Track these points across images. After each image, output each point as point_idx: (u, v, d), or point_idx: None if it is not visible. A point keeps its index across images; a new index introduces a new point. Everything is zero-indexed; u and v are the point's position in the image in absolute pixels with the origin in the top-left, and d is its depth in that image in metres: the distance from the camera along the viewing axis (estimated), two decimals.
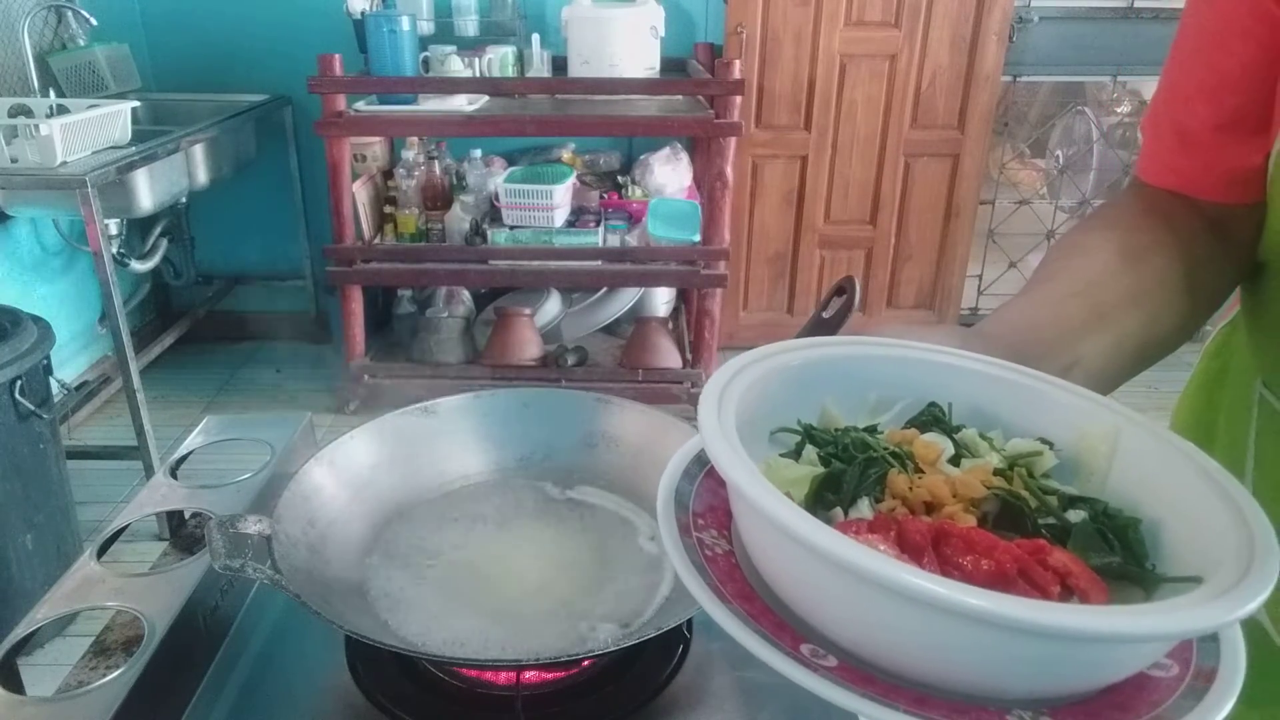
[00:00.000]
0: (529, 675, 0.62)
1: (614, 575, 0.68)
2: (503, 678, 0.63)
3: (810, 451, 0.38)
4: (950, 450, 0.38)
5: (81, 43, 2.71)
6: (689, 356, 2.80)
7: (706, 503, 0.38)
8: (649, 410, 0.79)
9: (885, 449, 0.37)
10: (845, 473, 0.36)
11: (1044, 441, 0.40)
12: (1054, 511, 0.35)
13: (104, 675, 0.57)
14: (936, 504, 0.35)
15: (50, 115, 2.22)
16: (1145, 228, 0.56)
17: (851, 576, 0.28)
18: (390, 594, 0.65)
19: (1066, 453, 0.39)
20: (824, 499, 0.36)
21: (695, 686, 0.63)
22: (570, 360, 2.75)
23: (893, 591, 0.27)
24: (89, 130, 2.11)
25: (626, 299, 2.90)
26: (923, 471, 0.36)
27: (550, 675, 0.63)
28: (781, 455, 0.39)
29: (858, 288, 0.66)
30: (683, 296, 3.11)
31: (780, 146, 3.07)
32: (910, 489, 0.35)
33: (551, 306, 2.91)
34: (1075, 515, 0.35)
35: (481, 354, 2.80)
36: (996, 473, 0.37)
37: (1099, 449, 0.39)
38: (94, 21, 2.55)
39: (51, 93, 2.49)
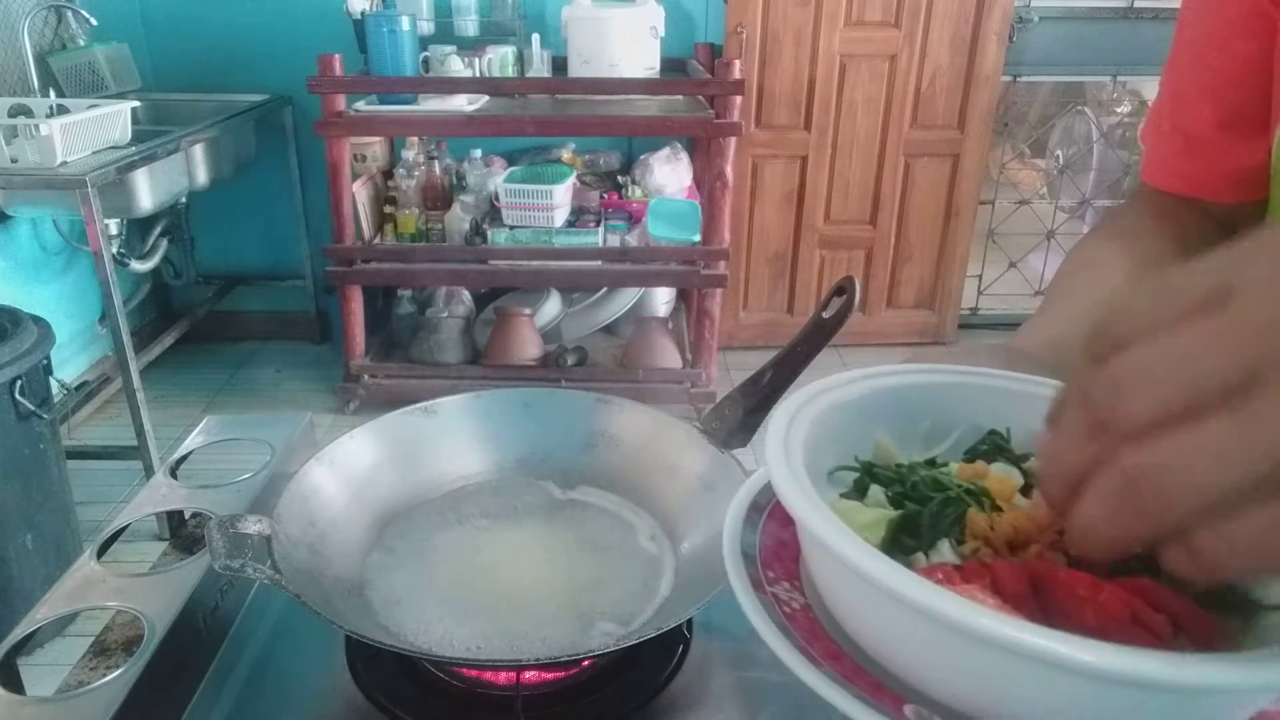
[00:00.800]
0: (529, 675, 0.62)
1: (614, 575, 0.68)
2: (503, 678, 0.63)
3: (877, 491, 0.37)
4: (1020, 481, 0.37)
5: (81, 43, 2.72)
6: (689, 356, 2.80)
7: (773, 551, 0.37)
8: (649, 410, 0.79)
9: (959, 486, 0.35)
10: (921, 514, 0.35)
11: None
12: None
13: (104, 675, 0.57)
14: (1020, 542, 0.33)
15: (50, 115, 2.22)
16: (1157, 235, 0.56)
17: (959, 635, 0.26)
18: (390, 594, 0.65)
19: None
20: (901, 543, 0.34)
21: (695, 686, 0.63)
22: (570, 360, 2.75)
23: (1010, 652, 0.25)
24: (89, 130, 2.11)
25: (626, 299, 2.90)
26: (1000, 509, 0.35)
27: (550, 675, 0.63)
28: (842, 495, 0.37)
29: (858, 288, 0.66)
30: (683, 296, 3.11)
31: (780, 146, 3.07)
32: (991, 528, 0.33)
33: (551, 306, 2.91)
34: None
35: (481, 354, 2.80)
36: None
37: None
38: (94, 21, 2.55)
39: (51, 93, 2.49)
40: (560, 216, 2.64)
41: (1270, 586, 0.32)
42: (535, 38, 2.74)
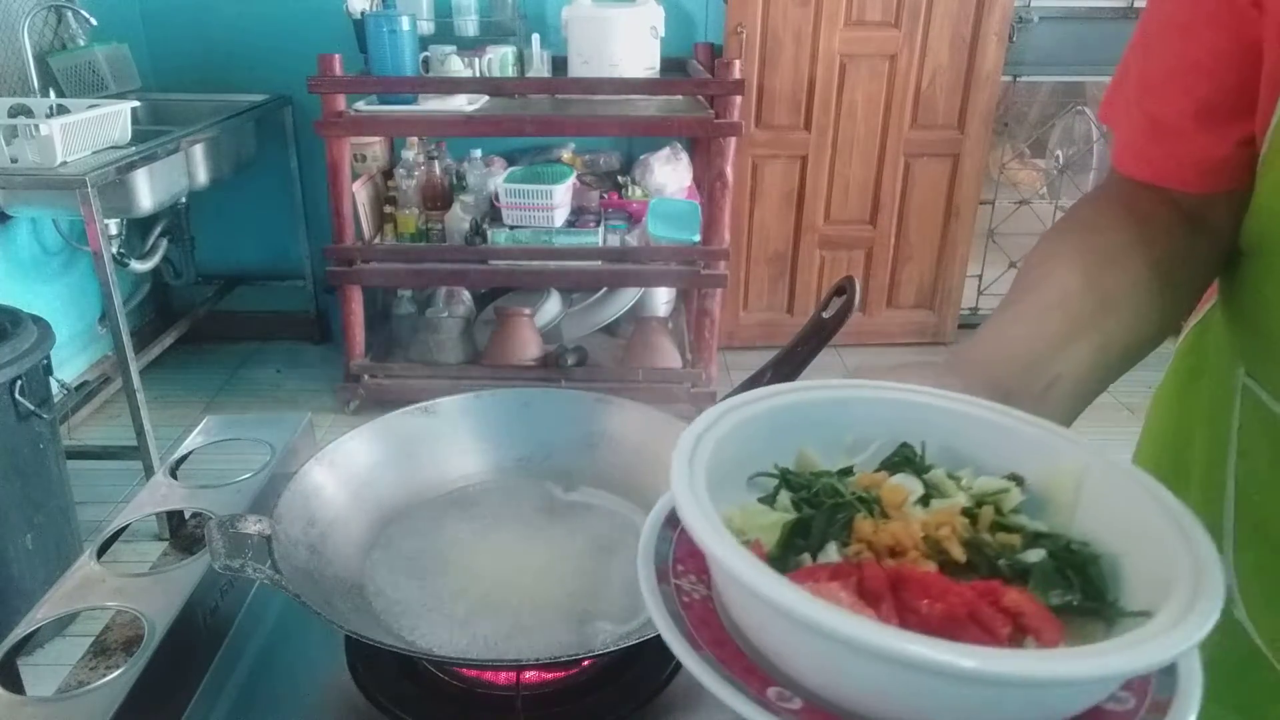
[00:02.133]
0: (529, 675, 0.62)
1: (614, 575, 0.68)
2: (503, 678, 0.63)
3: (785, 497, 0.39)
4: (920, 491, 0.39)
5: (81, 43, 2.71)
6: (689, 356, 2.80)
7: (688, 548, 0.39)
8: (649, 410, 0.79)
9: (853, 494, 0.38)
10: (814, 518, 0.38)
11: (1015, 477, 0.41)
12: (1011, 553, 0.36)
13: (104, 675, 0.57)
14: (899, 549, 0.36)
15: (50, 115, 2.22)
16: (1119, 228, 0.56)
17: (805, 628, 0.29)
18: (390, 594, 0.65)
19: (1036, 488, 0.40)
20: (794, 545, 0.37)
21: (695, 686, 0.63)
22: (570, 360, 2.75)
23: (841, 642, 0.28)
24: (89, 130, 2.11)
25: (626, 299, 2.90)
26: (889, 516, 0.38)
27: (550, 675, 0.63)
28: (760, 499, 0.40)
29: (858, 288, 0.66)
30: (683, 296, 3.11)
31: (780, 146, 3.07)
32: (875, 533, 0.36)
33: (551, 306, 2.91)
34: (1036, 554, 0.36)
35: (481, 354, 2.80)
36: (964, 512, 0.38)
37: (1066, 484, 0.39)
38: (94, 21, 2.55)
39: (51, 93, 2.49)
40: (560, 216, 2.64)
41: (1130, 591, 0.35)
42: (535, 38, 2.74)
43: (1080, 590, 0.35)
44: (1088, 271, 0.53)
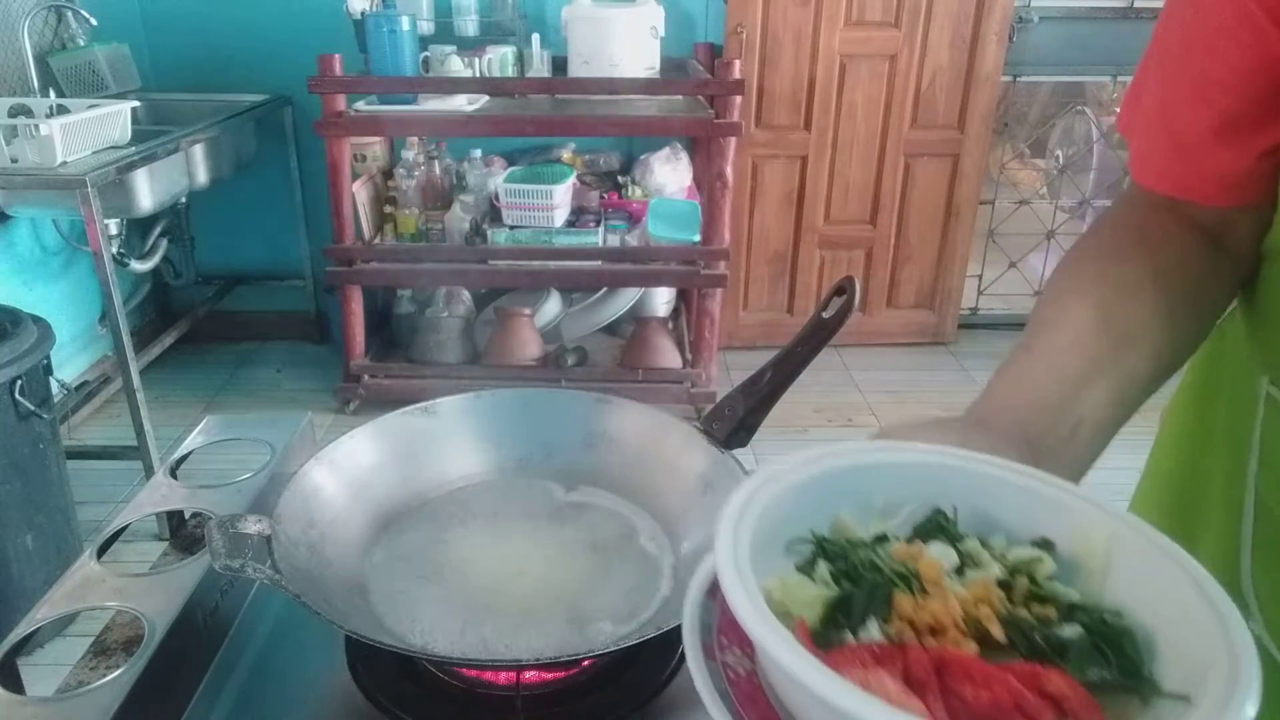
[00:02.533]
0: (529, 675, 0.62)
1: (614, 575, 0.68)
2: (503, 678, 0.63)
3: (823, 568, 0.40)
4: (955, 560, 0.40)
5: (81, 43, 2.71)
6: (689, 356, 2.80)
7: (732, 619, 0.40)
8: (649, 410, 0.79)
9: (891, 569, 0.39)
10: (855, 595, 0.38)
11: (1045, 542, 0.41)
12: (1047, 627, 0.37)
13: (104, 675, 0.57)
14: (938, 627, 0.37)
15: (50, 115, 2.22)
16: (1135, 257, 0.56)
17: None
18: (390, 594, 0.65)
19: (1066, 553, 0.41)
20: (835, 620, 0.38)
21: (695, 687, 0.63)
22: (570, 360, 2.75)
23: None
24: (89, 130, 2.11)
25: (626, 299, 2.90)
26: (927, 591, 0.38)
27: (550, 675, 0.63)
28: (798, 567, 0.41)
29: (858, 288, 0.66)
30: (683, 296, 3.11)
31: (780, 146, 3.07)
32: (915, 611, 0.37)
33: (551, 306, 2.91)
34: (1073, 629, 0.37)
35: (481, 354, 2.80)
36: (999, 583, 0.39)
37: (1097, 551, 0.40)
38: (94, 21, 2.55)
39: (51, 93, 2.49)
40: (560, 216, 2.64)
41: (1164, 666, 0.35)
42: (535, 38, 2.74)
43: (1117, 667, 0.36)
44: (1103, 306, 0.53)
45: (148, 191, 2.27)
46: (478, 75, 2.70)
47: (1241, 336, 0.59)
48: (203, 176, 2.55)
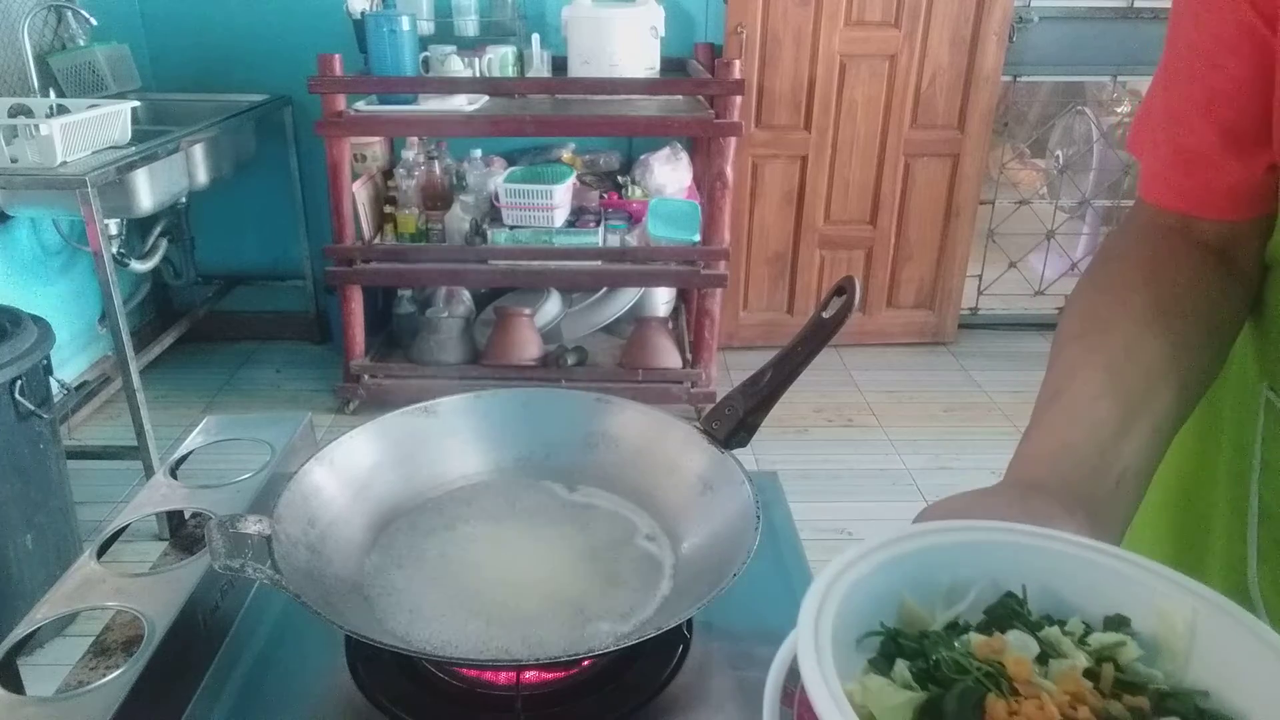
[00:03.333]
0: (529, 675, 0.62)
1: (614, 575, 0.68)
2: (503, 678, 0.63)
3: (902, 667, 0.38)
4: (1035, 650, 0.39)
5: (81, 43, 2.71)
6: (689, 356, 2.80)
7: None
8: (649, 410, 0.79)
9: (977, 668, 0.37)
10: (944, 699, 0.37)
11: (1120, 619, 0.41)
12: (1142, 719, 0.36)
13: (104, 675, 0.57)
14: None
15: (50, 115, 2.22)
16: (1153, 285, 0.55)
17: None
18: (391, 594, 0.65)
19: (1145, 632, 0.40)
20: None
21: (695, 686, 0.63)
22: (570, 360, 2.75)
23: None
24: (89, 130, 2.11)
25: (626, 299, 2.90)
26: (1018, 691, 0.37)
27: (550, 675, 0.63)
28: (870, 662, 0.39)
29: (858, 288, 0.66)
30: (683, 296, 3.11)
31: (780, 146, 3.07)
32: (1009, 716, 0.35)
33: (551, 306, 2.91)
34: None
35: (481, 354, 2.80)
36: (1085, 673, 0.38)
37: (1178, 630, 0.39)
38: (94, 21, 2.55)
39: (51, 93, 2.49)
40: (560, 216, 2.64)
41: None
42: (535, 38, 2.74)
43: None
44: (1126, 346, 0.52)
45: (148, 191, 2.27)
46: (478, 75, 2.70)
47: (1246, 342, 0.59)
48: (203, 176, 2.55)
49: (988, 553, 0.42)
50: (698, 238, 2.63)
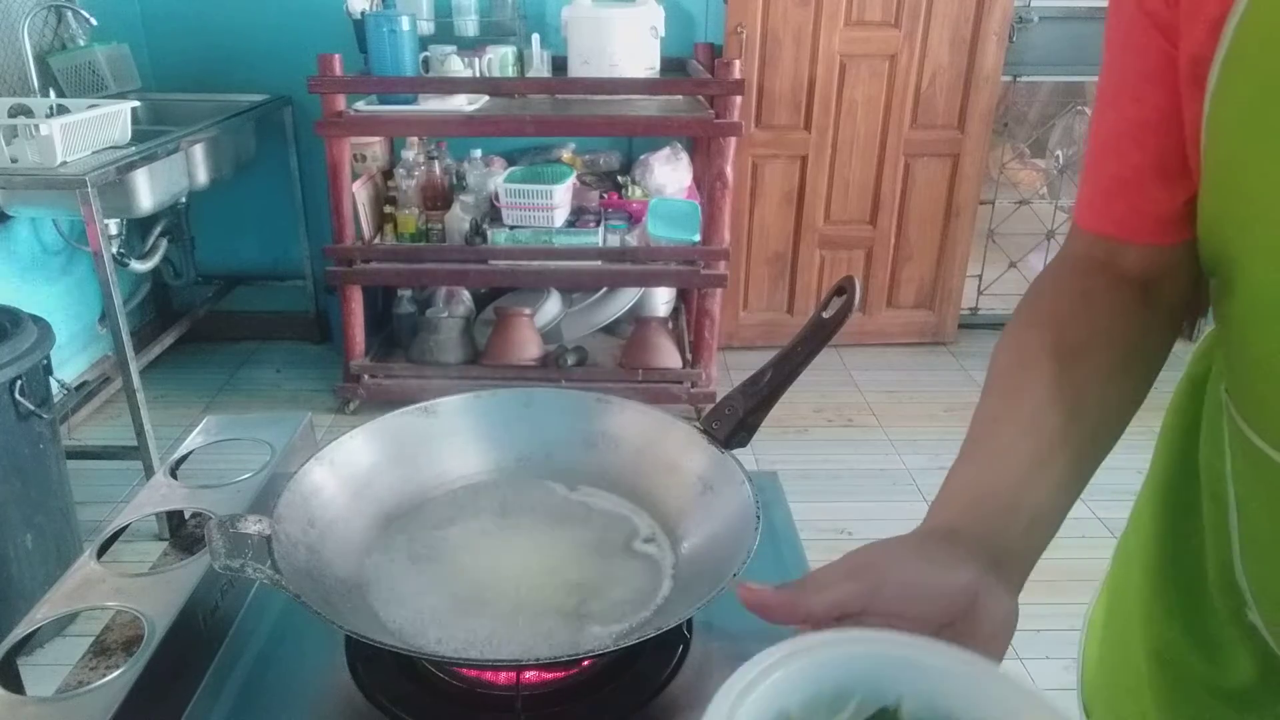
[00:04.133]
0: (529, 675, 0.62)
1: (614, 575, 0.68)
2: (503, 678, 0.63)
3: None
4: None
5: (81, 43, 2.72)
6: (689, 356, 2.80)
7: None
8: (649, 410, 0.79)
9: None
10: None
11: None
12: None
13: (104, 675, 0.57)
14: None
15: (50, 115, 2.22)
16: (1079, 320, 0.58)
17: None
18: (390, 594, 0.65)
19: None
20: None
21: (695, 686, 0.63)
22: (570, 360, 2.75)
23: None
24: (89, 130, 2.11)
25: (626, 299, 2.90)
26: None
27: (550, 675, 0.63)
28: None
29: (858, 288, 0.66)
30: (683, 296, 3.11)
31: (780, 146, 3.07)
32: None
33: (551, 306, 2.91)
34: None
35: (481, 354, 2.80)
36: None
37: None
38: (94, 21, 2.55)
39: (51, 93, 2.49)
40: (560, 216, 2.64)
41: None
42: (535, 38, 2.74)
43: None
44: (1050, 387, 0.54)
45: (148, 191, 2.27)
46: (478, 75, 2.70)
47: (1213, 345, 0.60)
48: (203, 176, 2.55)
49: (871, 663, 0.44)
50: (698, 238, 2.63)
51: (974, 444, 0.55)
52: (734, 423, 0.71)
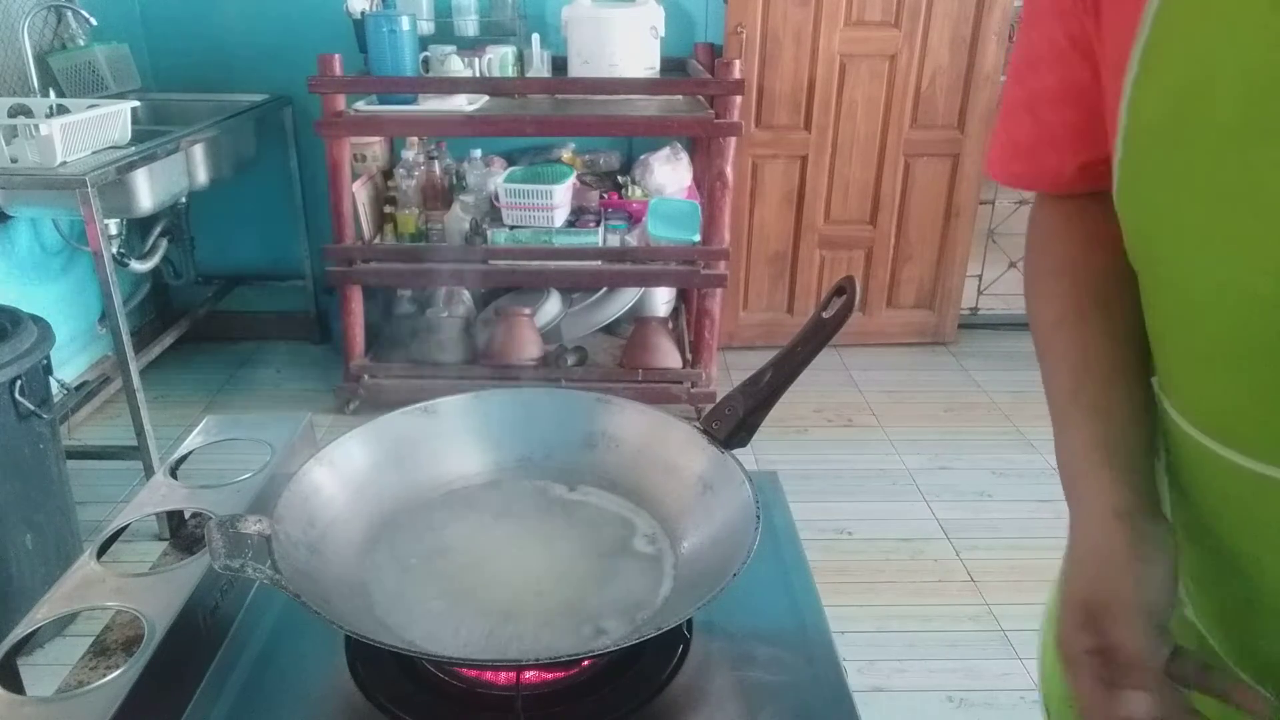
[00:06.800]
0: (529, 675, 0.62)
1: (614, 575, 0.68)
2: (503, 678, 0.63)
3: None
4: None
5: (81, 43, 2.71)
6: (689, 356, 2.80)
7: None
8: (649, 410, 0.79)
9: None
10: None
11: None
12: None
13: (104, 675, 0.57)
14: None
15: (50, 115, 2.22)
16: (1090, 255, 0.60)
17: None
18: (390, 594, 0.65)
19: None
20: None
21: (695, 686, 0.63)
22: (570, 360, 2.75)
23: None
24: (89, 130, 2.11)
25: (626, 299, 2.90)
26: None
27: (550, 675, 0.63)
28: None
29: (858, 288, 0.66)
30: (683, 296, 3.11)
31: (780, 146, 3.07)
32: None
33: (551, 306, 2.91)
34: None
35: (481, 354, 2.80)
36: None
37: None
38: (94, 21, 2.55)
39: (51, 93, 2.49)
40: (560, 216, 2.64)
41: None
42: (535, 38, 2.74)
43: None
44: (1099, 325, 0.57)
45: (148, 191, 2.27)
46: (478, 75, 2.70)
47: None
48: (203, 176, 2.55)
49: None
50: (698, 238, 2.63)
51: (1075, 409, 0.56)
52: (734, 423, 0.71)
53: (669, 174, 2.83)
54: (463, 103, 2.61)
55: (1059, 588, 0.54)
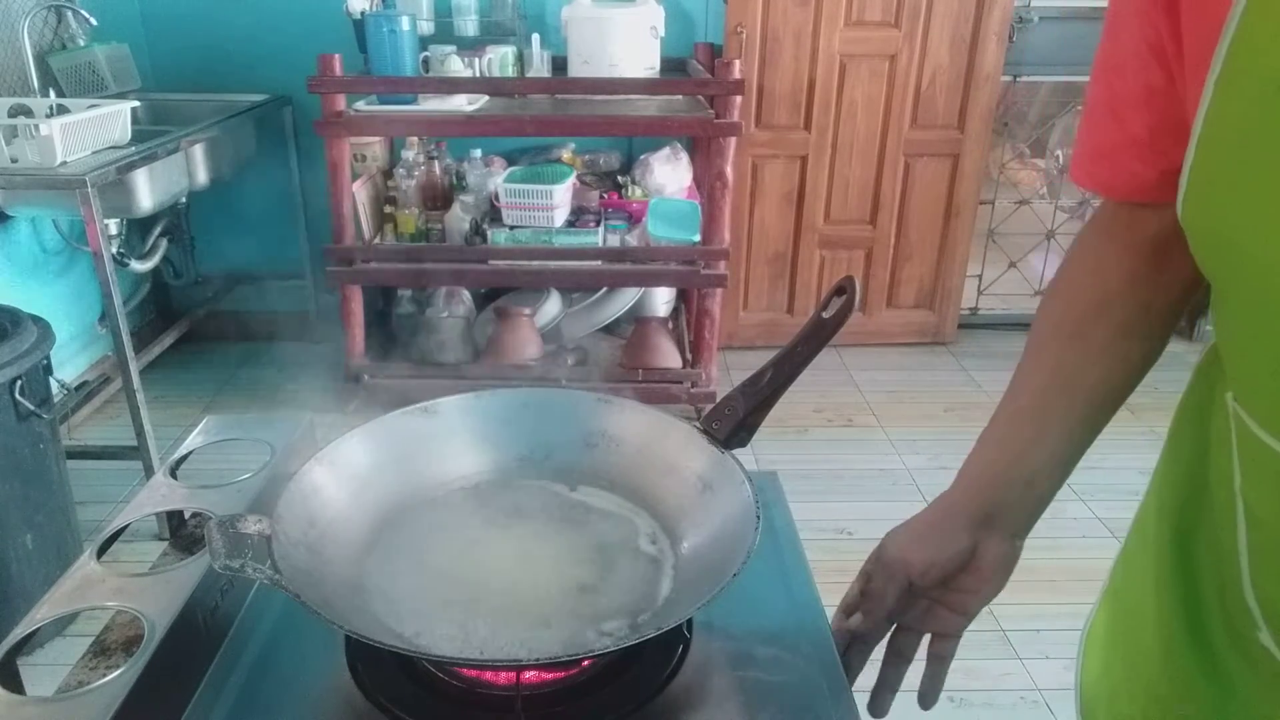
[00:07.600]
0: (529, 675, 0.62)
1: (614, 575, 0.68)
2: (503, 678, 0.63)
3: None
4: None
5: (81, 43, 2.71)
6: (689, 356, 2.80)
7: None
8: (649, 410, 0.79)
9: None
10: None
11: None
12: None
13: (104, 675, 0.57)
14: None
15: (50, 115, 2.22)
16: (1091, 287, 0.64)
17: None
18: (390, 594, 0.65)
19: None
20: None
21: (695, 686, 0.63)
22: (570, 360, 2.75)
23: None
24: (89, 130, 2.11)
25: (626, 299, 2.90)
26: None
27: (550, 675, 0.63)
28: None
29: (858, 288, 0.66)
30: (683, 296, 3.11)
31: (780, 146, 3.07)
32: None
33: (551, 306, 2.91)
34: None
35: (481, 354, 2.80)
36: None
37: None
38: (94, 21, 2.55)
39: (51, 93, 2.49)
40: (560, 216, 2.64)
41: None
42: (535, 38, 2.74)
43: None
44: (1058, 363, 0.64)
45: (148, 191, 2.27)
46: (478, 75, 2.70)
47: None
48: (203, 176, 2.55)
49: None
50: (698, 238, 2.63)
51: (988, 428, 0.67)
52: (734, 423, 0.71)
53: (669, 174, 2.82)
54: (463, 103, 2.61)
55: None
